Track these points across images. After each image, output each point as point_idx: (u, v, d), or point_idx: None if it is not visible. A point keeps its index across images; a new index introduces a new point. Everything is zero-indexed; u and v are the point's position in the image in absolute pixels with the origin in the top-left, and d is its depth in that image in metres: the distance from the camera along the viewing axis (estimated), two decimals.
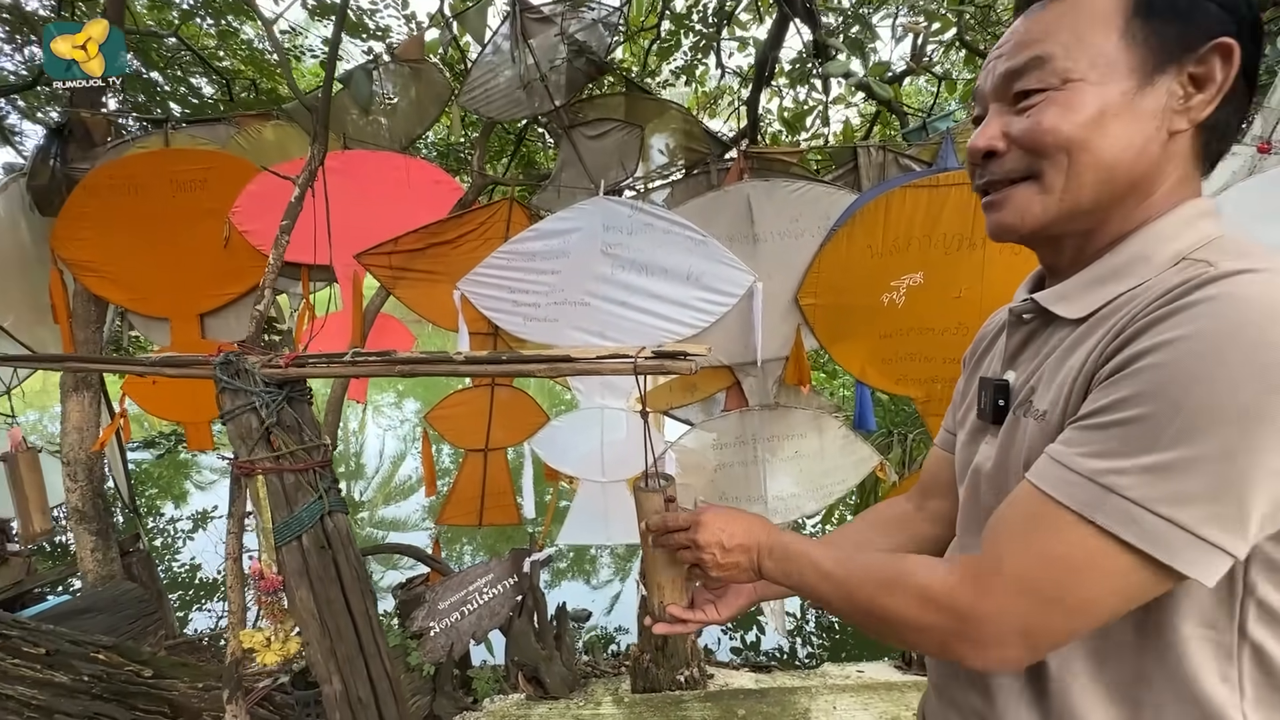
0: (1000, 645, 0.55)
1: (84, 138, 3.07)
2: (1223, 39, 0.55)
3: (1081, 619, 0.52)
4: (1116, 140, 0.57)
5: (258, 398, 1.31)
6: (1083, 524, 0.50)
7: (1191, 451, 0.46)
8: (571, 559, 7.10)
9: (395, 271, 2.70)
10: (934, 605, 0.57)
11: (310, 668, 1.38)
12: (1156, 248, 0.58)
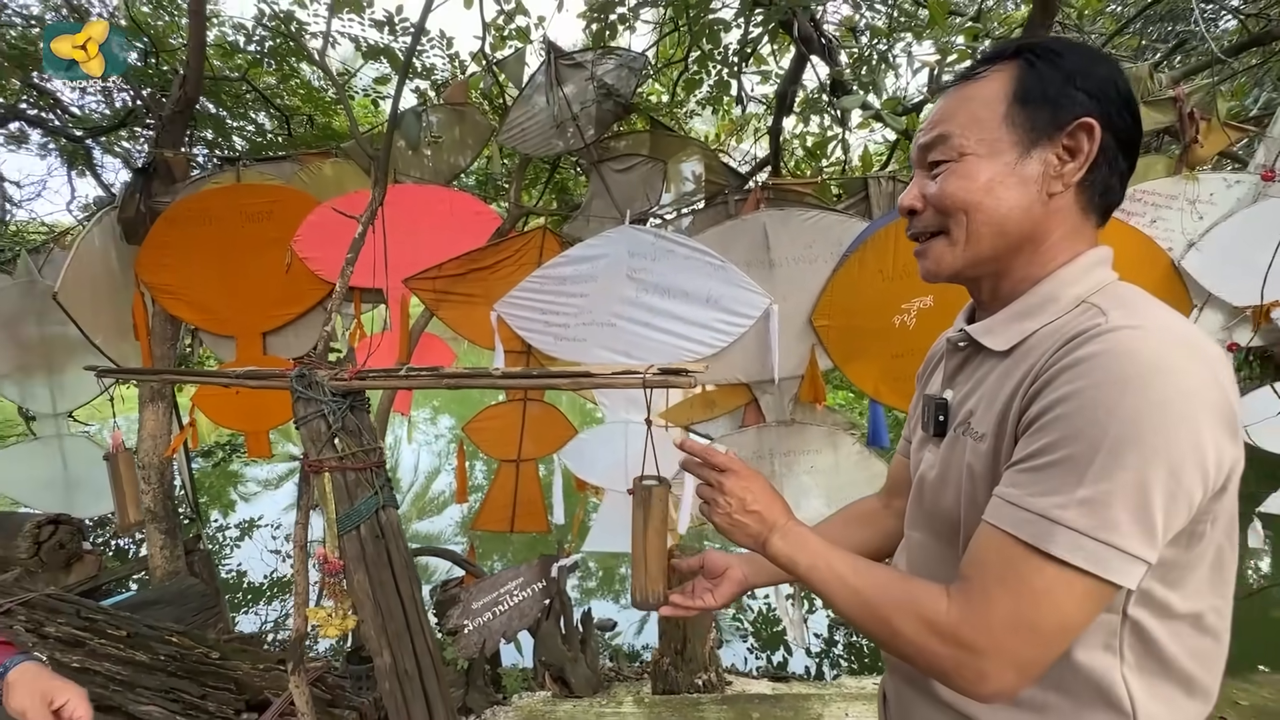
0: (1000, 678, 0.61)
1: (166, 175, 3.42)
2: (1086, 119, 0.67)
3: (1060, 640, 0.61)
4: (1003, 202, 0.70)
5: (326, 406, 1.53)
6: (1042, 558, 0.59)
7: (1112, 485, 0.56)
8: (601, 578, 7.25)
9: (439, 294, 2.95)
10: (940, 638, 0.63)
11: (364, 643, 1.58)
12: (1062, 290, 0.70)
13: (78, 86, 5.21)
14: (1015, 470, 0.63)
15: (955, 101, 0.74)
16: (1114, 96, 0.68)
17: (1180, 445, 0.56)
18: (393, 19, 5.04)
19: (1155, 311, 0.64)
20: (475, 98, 4.24)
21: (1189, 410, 0.56)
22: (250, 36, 4.91)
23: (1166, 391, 0.56)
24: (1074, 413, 0.59)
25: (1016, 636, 0.60)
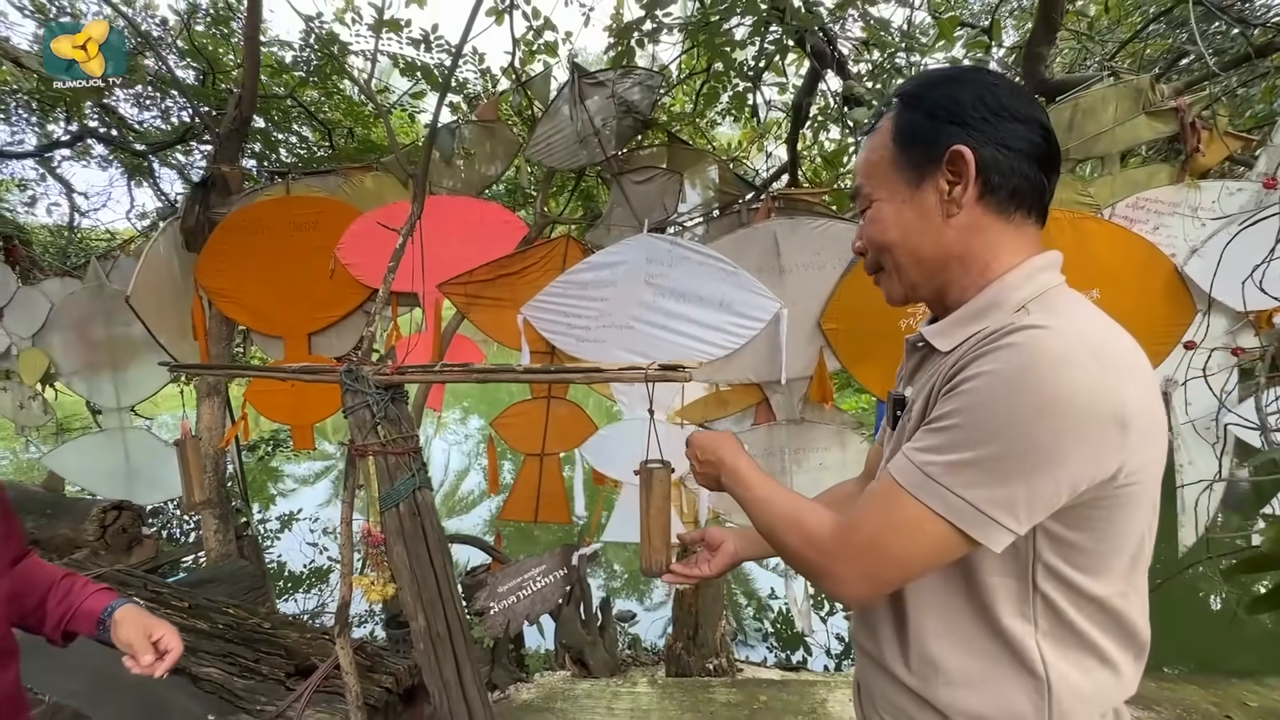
0: (850, 583, 0.74)
1: (223, 187, 3.72)
2: (955, 146, 0.74)
3: (905, 567, 0.71)
4: (910, 235, 0.79)
5: (370, 397, 1.73)
6: (912, 500, 0.69)
7: (982, 452, 0.64)
8: (626, 579, 7.43)
9: (469, 298, 3.16)
10: (813, 546, 0.77)
11: (402, 609, 1.77)
12: (1005, 296, 0.75)
13: (140, 102, 5.61)
14: (920, 430, 0.72)
15: (863, 154, 0.85)
16: (984, 115, 0.74)
17: (1056, 433, 0.62)
18: (429, 37, 5.31)
19: (1073, 314, 0.70)
20: (505, 110, 4.47)
21: (1073, 405, 0.62)
22: (298, 57, 5.23)
23: (1055, 386, 0.62)
24: (972, 391, 0.66)
25: (868, 555, 0.72)
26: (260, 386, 3.59)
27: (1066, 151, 2.77)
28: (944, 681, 0.75)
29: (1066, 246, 2.69)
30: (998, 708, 0.73)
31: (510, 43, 4.63)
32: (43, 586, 1.12)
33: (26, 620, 1.10)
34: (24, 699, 1.05)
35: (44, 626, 1.11)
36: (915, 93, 0.79)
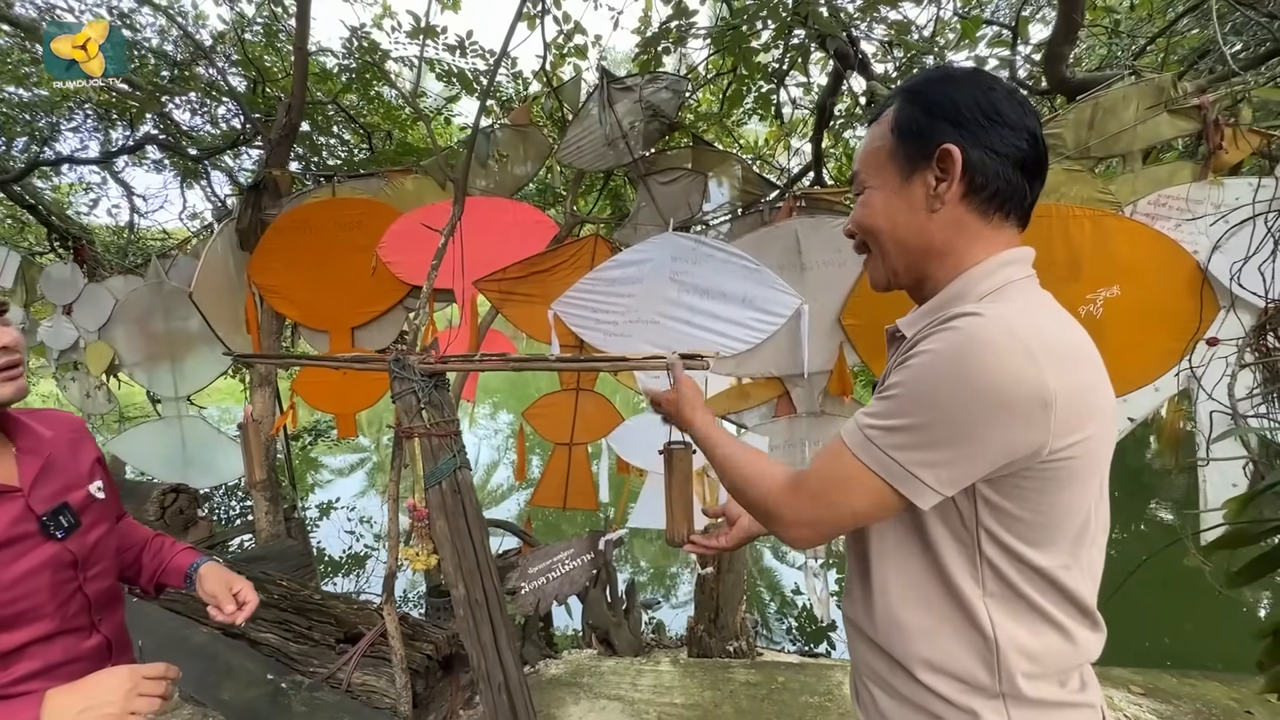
0: (795, 526, 0.83)
1: (273, 190, 3.96)
2: (946, 145, 0.78)
3: (845, 516, 0.79)
4: (897, 224, 0.84)
5: (416, 384, 1.89)
6: (853, 457, 0.77)
7: (913, 420, 0.72)
8: (652, 575, 7.58)
9: (503, 295, 3.32)
10: (768, 494, 0.86)
11: (444, 578, 1.94)
12: (969, 289, 0.80)
13: (194, 109, 5.94)
14: (873, 398, 0.81)
15: (864, 143, 0.89)
16: (976, 118, 0.78)
17: (978, 409, 0.69)
18: (464, 43, 5.50)
19: (1011, 306, 0.75)
20: (536, 114, 4.63)
21: (995, 385, 0.68)
22: (341, 65, 5.47)
23: (980, 367, 0.68)
24: (914, 366, 0.73)
25: (813, 502, 0.81)
26: (308, 377, 3.82)
27: (1087, 149, 2.80)
28: (906, 638, 0.82)
29: (1086, 243, 2.76)
30: (953, 661, 0.79)
31: (541, 46, 4.79)
32: (138, 544, 1.30)
33: (125, 573, 1.28)
34: (128, 639, 1.22)
35: (139, 579, 1.29)
36: (917, 89, 0.83)
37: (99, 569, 1.09)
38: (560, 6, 5.25)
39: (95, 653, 1.07)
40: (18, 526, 0.97)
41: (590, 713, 2.61)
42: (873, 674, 0.88)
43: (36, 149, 5.67)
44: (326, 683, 2.25)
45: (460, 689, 2.63)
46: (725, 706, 2.63)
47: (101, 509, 1.12)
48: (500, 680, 1.86)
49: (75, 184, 6.94)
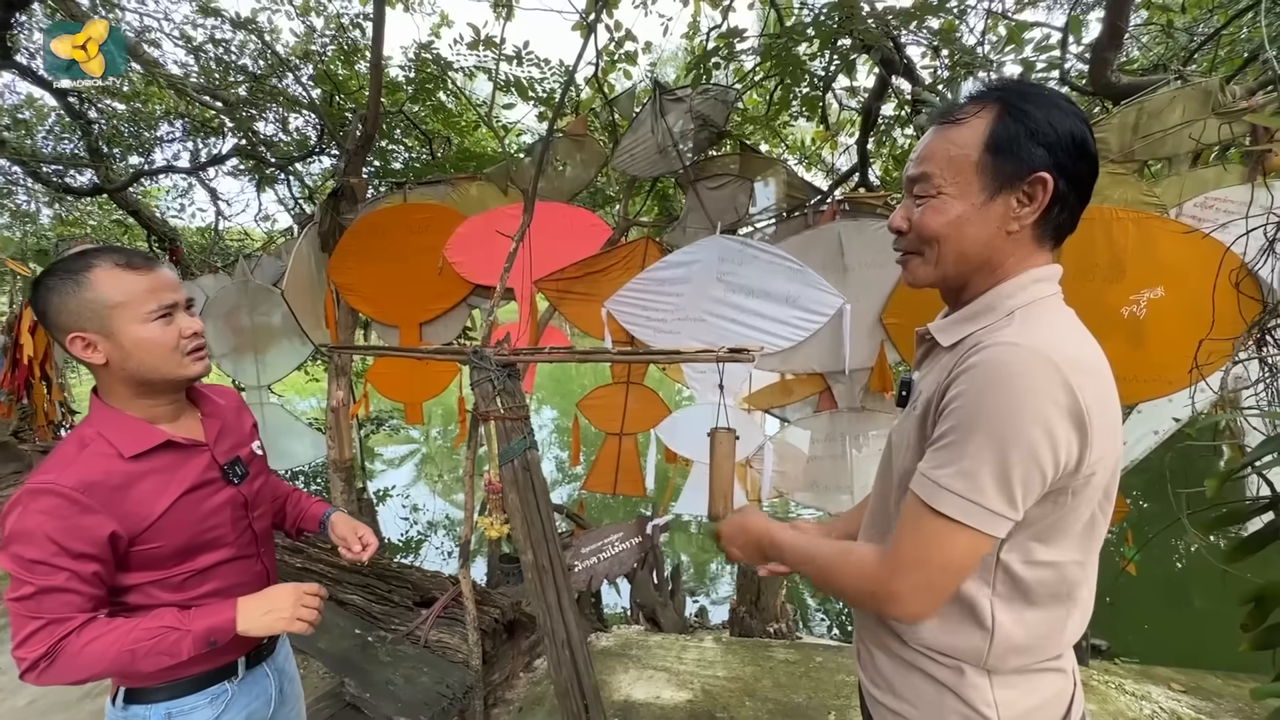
0: (909, 599, 0.80)
1: (350, 197, 4.30)
2: (1041, 173, 0.79)
3: (950, 573, 0.79)
4: (967, 236, 0.84)
5: (492, 373, 2.14)
6: (933, 514, 0.77)
7: (977, 462, 0.74)
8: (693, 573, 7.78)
9: (560, 293, 3.56)
10: (865, 579, 0.84)
11: (515, 545, 2.17)
12: (999, 302, 0.84)
13: (275, 120, 6.42)
14: (929, 449, 0.81)
15: (938, 142, 0.86)
16: (1069, 147, 0.80)
17: (1029, 433, 0.72)
18: (520, 53, 5.78)
19: (1042, 329, 0.79)
20: (591, 122, 4.87)
21: (1036, 409, 0.72)
22: (406, 77, 5.84)
23: (1021, 395, 0.72)
24: (960, 408, 0.76)
25: (916, 570, 0.79)
26: (380, 369, 4.16)
27: (1132, 153, 2.84)
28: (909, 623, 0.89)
29: (1130, 245, 2.82)
30: (948, 644, 0.87)
31: (594, 54, 5.02)
32: (282, 495, 1.57)
33: (274, 519, 1.55)
34: (277, 570, 1.49)
35: (285, 524, 1.56)
36: (1021, 107, 0.81)
37: (261, 511, 1.36)
38: (612, 15, 5.48)
39: (259, 577, 1.34)
40: (207, 473, 1.23)
41: (639, 681, 2.82)
42: (874, 639, 0.97)
43: (140, 160, 6.24)
44: (407, 638, 2.53)
45: (521, 653, 2.89)
46: (764, 681, 2.81)
47: (260, 464, 1.39)
48: (564, 637, 2.09)
49: (168, 188, 7.57)
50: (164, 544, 1.14)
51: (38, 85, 6.07)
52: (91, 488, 1.05)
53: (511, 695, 2.74)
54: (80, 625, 1.03)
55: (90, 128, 5.89)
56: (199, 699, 1.21)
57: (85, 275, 1.08)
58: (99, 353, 1.10)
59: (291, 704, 1.45)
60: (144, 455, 1.13)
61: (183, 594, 1.20)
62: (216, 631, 1.12)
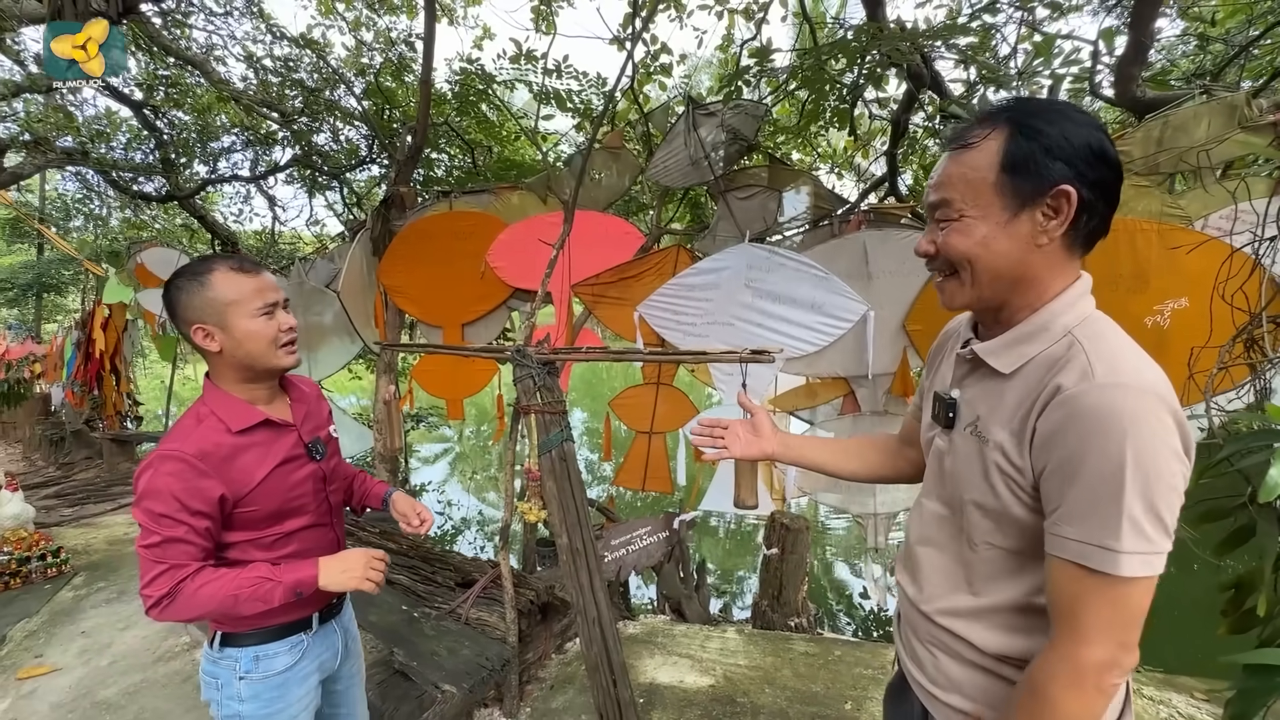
0: (1119, 664, 0.77)
1: (399, 204, 4.57)
2: (1064, 185, 0.80)
3: (1139, 624, 0.77)
4: (997, 255, 0.85)
5: (534, 370, 2.32)
6: (1112, 578, 0.75)
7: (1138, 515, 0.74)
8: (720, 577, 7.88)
9: (595, 297, 3.75)
10: (1067, 677, 0.79)
11: (550, 529, 2.36)
12: (1053, 321, 0.84)
13: (330, 132, 6.81)
14: (1062, 513, 0.78)
15: (953, 167, 0.87)
16: (1088, 157, 0.80)
17: (1167, 472, 0.74)
18: (560, 67, 6.02)
19: (1127, 361, 0.79)
20: (627, 133, 5.07)
21: (1165, 445, 0.73)
22: (452, 91, 6.14)
23: (1147, 439, 0.73)
24: (1087, 466, 0.75)
25: (1111, 633, 0.77)
26: (424, 367, 4.41)
27: (1156, 165, 2.89)
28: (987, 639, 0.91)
29: (1153, 256, 2.87)
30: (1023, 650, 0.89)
31: (630, 67, 5.20)
32: (350, 475, 1.78)
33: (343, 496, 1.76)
34: (345, 543, 1.70)
35: (351, 500, 1.76)
36: (1032, 125, 0.82)
37: (335, 486, 1.56)
38: (649, 30, 5.67)
39: (331, 544, 1.54)
40: (294, 450, 1.44)
41: (664, 666, 2.98)
42: (936, 643, 0.98)
43: (205, 169, 6.69)
44: (449, 615, 2.73)
45: (554, 635, 3.07)
46: (784, 671, 2.93)
47: (334, 446, 1.60)
48: (595, 616, 2.26)
49: (230, 195, 8.07)
50: (259, 508, 1.35)
51: (116, 99, 6.57)
52: (206, 456, 1.26)
53: (544, 674, 2.92)
54: (194, 572, 1.23)
55: (163, 139, 6.34)
56: (280, 646, 1.41)
57: (207, 277, 1.29)
58: (215, 341, 1.31)
59: (355, 659, 1.66)
60: (247, 431, 1.34)
61: (272, 553, 1.40)
62: (302, 584, 1.31)
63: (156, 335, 6.59)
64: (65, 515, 5.52)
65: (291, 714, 1.42)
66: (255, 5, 6.84)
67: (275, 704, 1.39)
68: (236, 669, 1.38)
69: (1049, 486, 0.80)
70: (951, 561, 0.95)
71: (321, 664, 1.51)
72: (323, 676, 1.52)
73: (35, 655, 3.15)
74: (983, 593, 0.91)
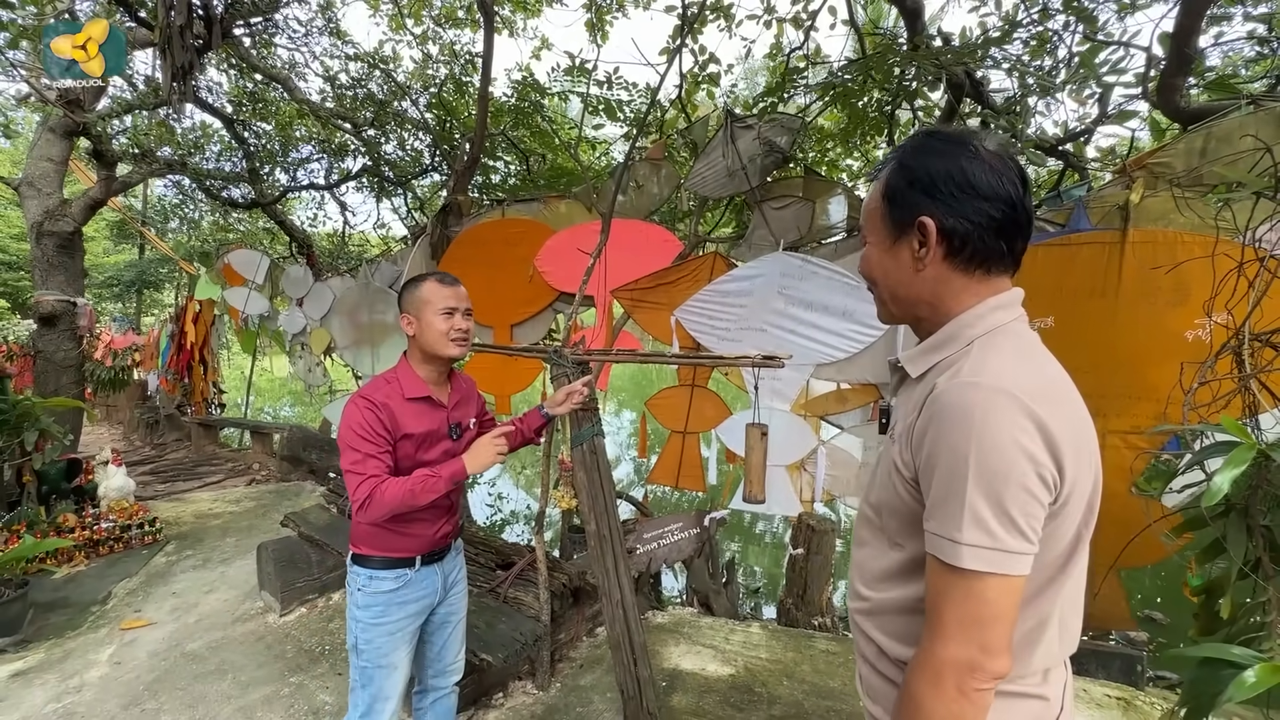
0: (981, 665, 0.76)
1: (456, 212, 4.90)
2: (922, 218, 0.85)
3: (999, 624, 0.76)
4: (889, 277, 0.92)
5: (569, 370, 2.53)
6: (957, 571, 0.76)
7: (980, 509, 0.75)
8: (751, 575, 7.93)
9: (634, 302, 3.94)
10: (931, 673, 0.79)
11: (580, 517, 2.55)
12: (960, 332, 0.87)
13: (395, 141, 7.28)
14: (927, 508, 0.81)
15: (868, 196, 0.96)
16: (951, 191, 0.84)
17: (1012, 467, 0.74)
18: (610, 78, 6.24)
19: (998, 361, 0.81)
20: (670, 141, 5.24)
21: (1011, 441, 0.74)
22: (511, 106, 6.47)
23: (991, 432, 0.74)
24: (940, 460, 0.78)
25: (968, 631, 0.76)
26: (475, 365, 4.71)
27: (1199, 177, 2.85)
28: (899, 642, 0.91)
29: (1194, 269, 2.83)
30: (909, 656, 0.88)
31: (678, 76, 5.37)
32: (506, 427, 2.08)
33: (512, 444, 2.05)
34: (459, 509, 1.99)
35: (522, 441, 2.08)
36: (904, 160, 0.89)
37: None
38: (697, 40, 5.83)
39: (445, 508, 1.88)
40: (441, 426, 1.82)
41: (688, 654, 3.13)
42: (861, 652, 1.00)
43: (286, 177, 7.27)
44: (489, 593, 2.97)
45: (584, 619, 3.27)
46: (804, 666, 3.03)
47: (472, 434, 1.95)
48: (618, 598, 2.44)
49: (306, 200, 8.69)
50: (404, 458, 1.74)
51: (209, 113, 7.21)
52: (384, 405, 1.70)
53: (574, 654, 3.12)
54: (381, 481, 1.63)
55: (249, 150, 6.94)
56: (388, 574, 1.78)
57: (421, 283, 1.80)
58: (412, 327, 1.79)
59: (453, 604, 1.99)
60: (413, 400, 1.77)
61: None
62: (456, 475, 1.70)
63: (239, 330, 7.19)
64: (159, 490, 6.14)
65: (389, 630, 1.79)
66: (332, 24, 7.38)
67: (380, 618, 1.77)
68: (358, 581, 1.79)
69: (923, 482, 0.82)
70: (874, 559, 0.96)
71: (422, 599, 1.85)
72: (422, 610, 1.87)
73: (135, 610, 3.59)
74: (885, 589, 0.93)
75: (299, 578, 3.57)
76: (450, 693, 2.06)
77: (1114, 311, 2.96)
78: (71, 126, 5.23)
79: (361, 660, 1.79)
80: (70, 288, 5.57)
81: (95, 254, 15.11)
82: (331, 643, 3.19)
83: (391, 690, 1.82)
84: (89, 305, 5.85)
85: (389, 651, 1.79)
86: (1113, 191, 3.00)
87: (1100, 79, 3.43)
